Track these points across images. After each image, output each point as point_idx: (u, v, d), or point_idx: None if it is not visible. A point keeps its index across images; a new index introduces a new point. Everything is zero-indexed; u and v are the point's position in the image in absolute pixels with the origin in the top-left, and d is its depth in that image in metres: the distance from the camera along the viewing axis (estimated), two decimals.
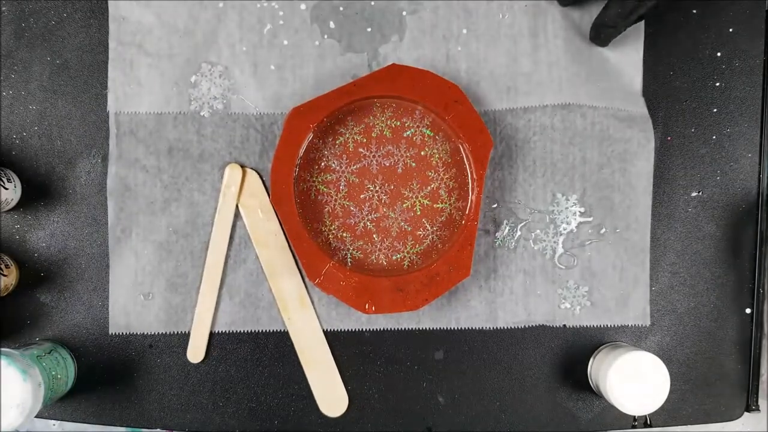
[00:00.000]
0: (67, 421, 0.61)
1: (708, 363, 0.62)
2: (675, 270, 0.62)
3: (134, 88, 0.60)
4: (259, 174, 0.61)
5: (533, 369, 0.62)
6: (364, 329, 0.62)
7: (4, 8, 0.60)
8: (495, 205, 0.61)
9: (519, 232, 0.61)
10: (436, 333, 0.62)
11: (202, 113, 0.61)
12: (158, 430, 0.61)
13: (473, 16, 0.61)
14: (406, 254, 0.60)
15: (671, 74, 0.62)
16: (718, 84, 0.62)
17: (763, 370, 0.63)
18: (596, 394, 0.61)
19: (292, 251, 0.60)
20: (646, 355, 0.56)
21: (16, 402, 0.50)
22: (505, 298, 0.61)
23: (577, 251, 0.61)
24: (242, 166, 0.60)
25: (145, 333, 0.61)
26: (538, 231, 0.61)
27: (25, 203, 0.60)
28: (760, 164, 0.62)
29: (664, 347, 0.62)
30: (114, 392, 0.61)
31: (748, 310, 0.62)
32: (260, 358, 0.61)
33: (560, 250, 0.61)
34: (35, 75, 0.60)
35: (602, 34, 0.58)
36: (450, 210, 0.60)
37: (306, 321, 0.61)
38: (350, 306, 0.58)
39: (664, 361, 0.56)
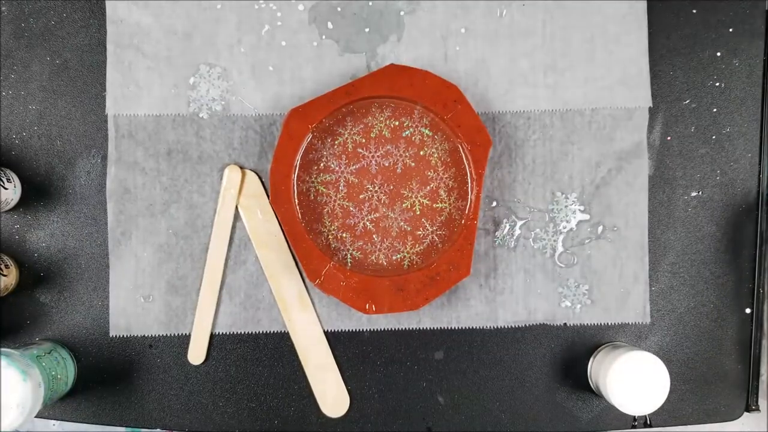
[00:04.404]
0: (67, 421, 0.61)
1: (708, 363, 0.62)
2: (675, 270, 0.62)
3: (133, 91, 0.60)
4: (258, 175, 0.61)
5: (533, 369, 0.62)
6: (364, 329, 0.62)
7: (4, 8, 0.60)
8: (494, 204, 0.61)
9: (519, 231, 0.61)
10: (436, 333, 0.62)
11: (200, 115, 0.60)
12: (158, 430, 0.62)
13: (471, 15, 0.61)
14: (406, 254, 0.60)
15: (671, 74, 0.62)
16: (718, 84, 0.62)
17: (763, 370, 0.63)
18: (596, 394, 0.61)
19: (291, 252, 0.60)
20: (646, 355, 0.56)
21: (16, 402, 0.50)
22: (506, 297, 0.61)
23: (577, 249, 0.61)
24: (241, 168, 0.60)
25: (146, 335, 0.61)
26: (538, 230, 0.61)
27: (25, 203, 0.60)
28: (760, 164, 0.62)
29: (664, 347, 0.62)
30: (114, 392, 0.61)
31: (748, 310, 0.62)
32: (260, 359, 0.61)
33: (560, 248, 0.61)
34: (35, 75, 0.60)
35: None
36: (449, 209, 0.60)
37: (306, 322, 0.61)
38: (350, 306, 0.58)
39: (664, 361, 0.56)
